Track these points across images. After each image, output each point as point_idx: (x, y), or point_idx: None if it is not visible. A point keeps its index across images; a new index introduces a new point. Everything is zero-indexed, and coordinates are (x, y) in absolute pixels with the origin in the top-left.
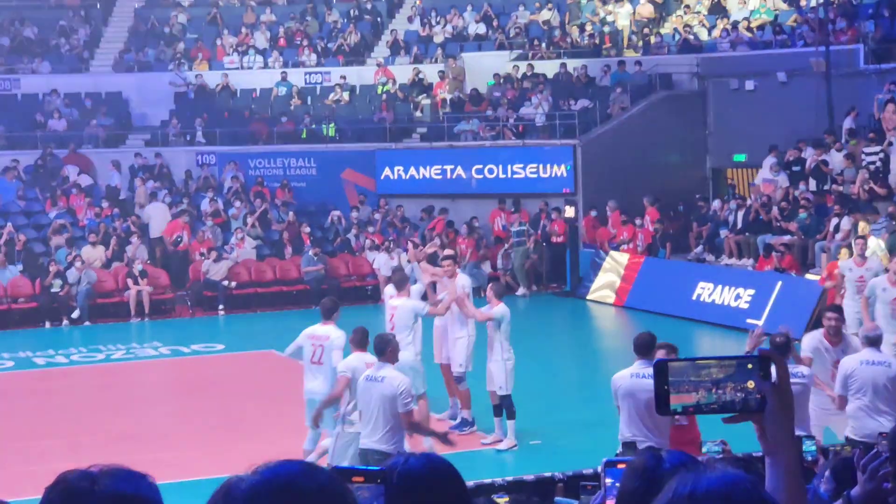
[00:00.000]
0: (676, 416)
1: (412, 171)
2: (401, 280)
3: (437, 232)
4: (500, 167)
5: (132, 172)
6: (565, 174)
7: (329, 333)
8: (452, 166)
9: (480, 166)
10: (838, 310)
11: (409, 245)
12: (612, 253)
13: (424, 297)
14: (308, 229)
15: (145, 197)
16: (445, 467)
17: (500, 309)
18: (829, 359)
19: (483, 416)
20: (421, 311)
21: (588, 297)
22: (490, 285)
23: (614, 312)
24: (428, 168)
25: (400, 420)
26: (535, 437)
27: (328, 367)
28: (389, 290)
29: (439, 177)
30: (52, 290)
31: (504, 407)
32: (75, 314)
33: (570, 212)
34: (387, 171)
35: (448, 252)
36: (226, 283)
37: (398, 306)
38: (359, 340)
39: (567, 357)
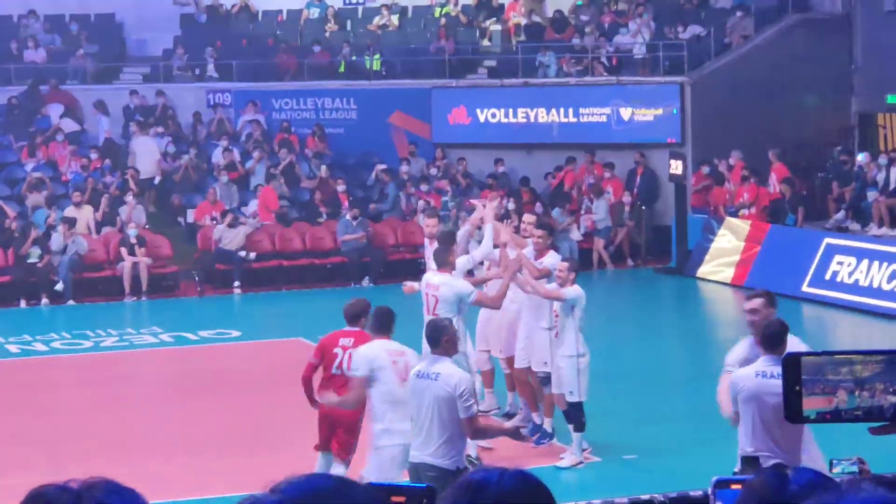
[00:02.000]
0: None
1: (477, 114)
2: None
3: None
4: (589, 111)
5: (126, 115)
6: (670, 120)
7: (440, 281)
8: (528, 109)
9: (563, 110)
10: None
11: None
12: (729, 220)
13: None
14: (346, 187)
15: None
16: (544, 491)
17: (574, 289)
18: None
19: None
20: (467, 296)
21: (698, 275)
22: (562, 261)
23: (732, 294)
24: (497, 111)
25: (459, 427)
26: (630, 451)
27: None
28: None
29: (512, 122)
30: (29, 261)
31: (572, 416)
32: (57, 288)
33: (675, 167)
34: (445, 115)
35: (541, 220)
36: (243, 253)
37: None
38: (380, 323)
39: (671, 351)
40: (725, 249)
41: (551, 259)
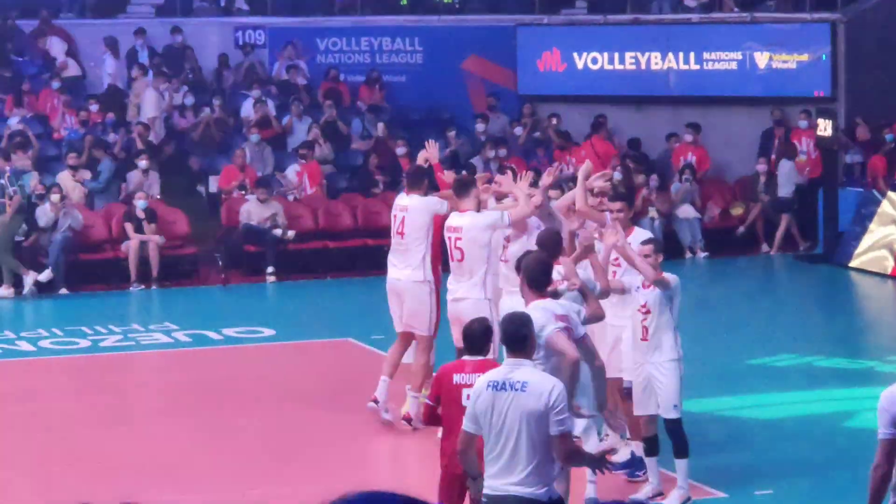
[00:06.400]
0: None
1: (574, 59)
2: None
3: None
4: (715, 56)
5: (130, 58)
6: (818, 68)
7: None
8: (639, 54)
9: (682, 55)
10: None
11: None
12: (893, 194)
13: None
14: (407, 150)
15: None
16: None
17: (673, 277)
18: None
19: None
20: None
21: (852, 265)
22: (644, 242)
23: (894, 289)
24: (600, 56)
25: (551, 447)
26: (764, 485)
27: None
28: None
29: (617, 69)
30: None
31: (674, 436)
32: (44, 276)
33: (824, 127)
34: (534, 61)
35: (617, 190)
36: (278, 232)
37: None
38: (536, 277)
39: (812, 360)
40: (887, 232)
41: (638, 238)
